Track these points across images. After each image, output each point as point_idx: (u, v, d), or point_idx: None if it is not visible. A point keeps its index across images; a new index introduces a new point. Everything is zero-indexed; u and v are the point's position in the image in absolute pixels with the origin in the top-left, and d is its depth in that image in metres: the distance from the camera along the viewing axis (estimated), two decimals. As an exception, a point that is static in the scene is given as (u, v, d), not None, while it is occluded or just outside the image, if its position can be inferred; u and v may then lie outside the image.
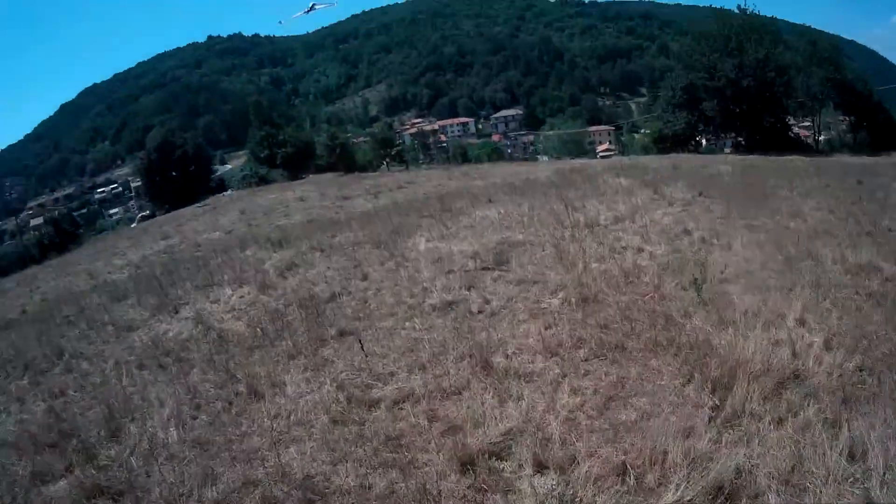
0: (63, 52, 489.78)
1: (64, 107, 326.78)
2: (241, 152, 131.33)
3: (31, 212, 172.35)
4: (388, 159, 71.52)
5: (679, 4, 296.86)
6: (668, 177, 21.99)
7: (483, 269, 11.68)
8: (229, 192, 61.68)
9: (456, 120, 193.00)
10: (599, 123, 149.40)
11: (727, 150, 54.53)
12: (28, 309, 19.59)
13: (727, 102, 49.70)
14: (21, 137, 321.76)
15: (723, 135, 56.55)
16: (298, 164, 66.66)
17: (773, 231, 12.79)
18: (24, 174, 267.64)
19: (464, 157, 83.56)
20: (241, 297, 12.57)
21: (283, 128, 74.06)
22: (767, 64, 47.36)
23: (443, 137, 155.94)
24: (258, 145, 70.73)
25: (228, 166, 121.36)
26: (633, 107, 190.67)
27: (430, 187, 34.53)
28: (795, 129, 57.02)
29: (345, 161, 63.65)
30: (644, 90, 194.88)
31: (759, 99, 48.23)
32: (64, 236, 64.59)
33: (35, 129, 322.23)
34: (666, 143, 54.93)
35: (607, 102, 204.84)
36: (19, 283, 30.54)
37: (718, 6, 57.56)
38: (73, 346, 11.64)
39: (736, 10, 53.40)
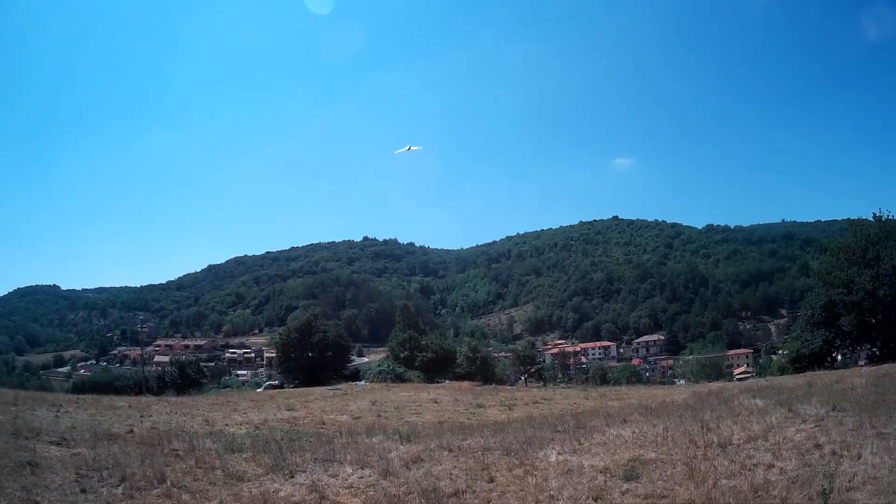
0: (219, 222, 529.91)
1: (211, 267, 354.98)
2: (380, 348, 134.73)
3: (157, 348, 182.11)
4: (526, 375, 71.22)
5: (819, 221, 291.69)
6: (803, 395, 21.02)
7: (613, 482, 11.38)
8: (363, 382, 62.47)
9: (598, 343, 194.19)
10: (739, 347, 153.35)
11: (861, 362, 52.47)
12: (136, 430, 20.21)
13: (864, 315, 47.27)
14: (163, 282, 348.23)
15: (858, 347, 53.28)
16: (436, 368, 67.39)
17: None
18: (160, 314, 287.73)
19: (602, 378, 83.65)
20: (361, 477, 12.59)
21: (427, 334, 75.57)
22: (903, 269, 45.27)
23: (583, 359, 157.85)
24: (399, 346, 72.27)
25: (365, 359, 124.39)
26: (773, 329, 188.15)
27: (567, 405, 34.23)
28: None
29: (483, 372, 64.27)
30: (784, 311, 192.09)
31: (894, 307, 45.68)
32: (187, 380, 67.22)
33: (179, 278, 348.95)
34: (802, 363, 52.63)
35: (747, 326, 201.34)
36: (131, 406, 31.79)
37: (857, 216, 55.56)
38: (176, 477, 11.95)
39: (872, 219, 51.69)
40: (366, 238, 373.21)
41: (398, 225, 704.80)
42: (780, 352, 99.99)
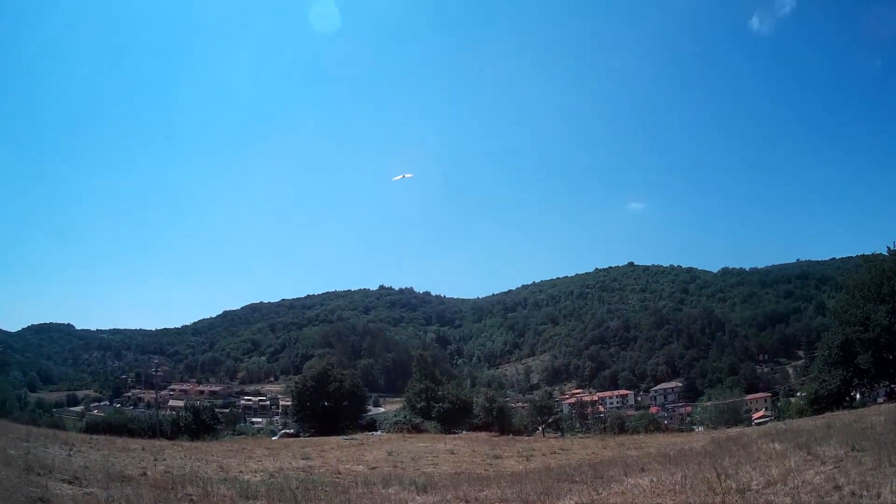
0: (235, 268, 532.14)
1: (227, 313, 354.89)
2: (396, 399, 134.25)
3: (172, 392, 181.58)
4: (544, 426, 70.84)
5: (833, 259, 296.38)
6: (821, 436, 21.18)
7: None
8: (379, 432, 62.35)
9: (615, 392, 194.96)
10: (757, 391, 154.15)
11: (880, 399, 52.33)
12: (149, 473, 20.32)
13: (881, 351, 47.07)
14: (178, 326, 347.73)
15: (876, 385, 53.87)
16: (453, 419, 67.35)
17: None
18: (175, 358, 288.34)
19: (620, 427, 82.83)
20: (378, 526, 12.40)
21: (444, 384, 75.70)
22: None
23: (601, 408, 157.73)
24: (416, 396, 72.31)
25: (381, 409, 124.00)
26: (790, 371, 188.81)
27: (584, 454, 34.21)
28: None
29: (500, 423, 63.94)
30: (801, 353, 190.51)
31: (912, 342, 45.75)
32: (201, 425, 67.00)
33: (195, 323, 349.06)
34: (821, 404, 52.50)
35: (765, 369, 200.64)
36: (145, 449, 31.84)
37: (871, 251, 55.26)
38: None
39: (886, 253, 51.35)
40: (382, 287, 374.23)
41: (414, 274, 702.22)
42: (798, 394, 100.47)
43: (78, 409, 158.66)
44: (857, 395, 55.56)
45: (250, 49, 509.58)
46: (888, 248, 51.73)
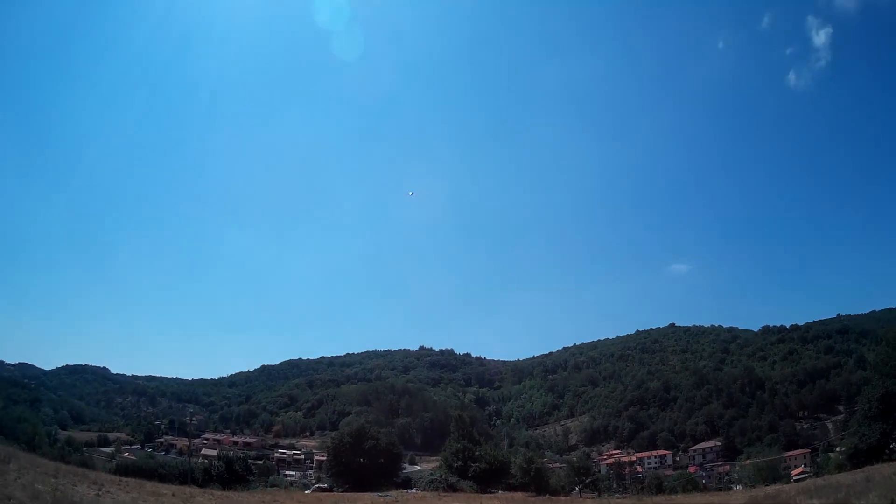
0: (275, 324, 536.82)
1: (265, 368, 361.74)
2: (433, 458, 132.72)
3: (205, 441, 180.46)
4: (581, 486, 69.70)
5: (874, 311, 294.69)
6: (860, 490, 21.01)
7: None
8: (414, 490, 61.28)
9: (654, 452, 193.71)
10: (796, 447, 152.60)
11: None
12: None
13: None
14: (216, 377, 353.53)
15: None
16: (490, 479, 67.39)
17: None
18: (209, 409, 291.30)
19: (658, 487, 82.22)
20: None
21: (481, 444, 75.45)
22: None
23: (639, 469, 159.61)
24: (453, 455, 72.47)
25: (417, 467, 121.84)
26: (830, 426, 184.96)
27: None
28: None
29: (538, 483, 63.23)
30: (841, 407, 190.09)
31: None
32: (234, 475, 66.15)
33: (232, 375, 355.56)
34: (860, 458, 51.78)
35: (804, 426, 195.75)
36: (175, 495, 31.11)
37: None
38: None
39: None
40: (422, 347, 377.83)
41: (455, 335, 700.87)
42: (837, 449, 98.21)
43: (108, 450, 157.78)
44: (897, 448, 54.10)
45: (301, 121, 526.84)
46: None
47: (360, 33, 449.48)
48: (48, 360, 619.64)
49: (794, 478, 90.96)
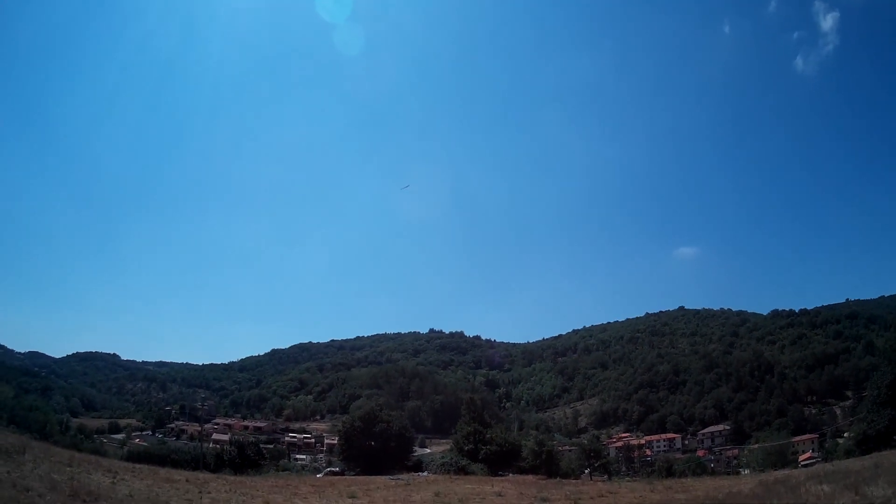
0: (285, 308, 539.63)
1: (275, 352, 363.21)
2: (443, 440, 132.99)
3: (216, 426, 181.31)
4: (591, 469, 69.90)
5: (882, 297, 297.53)
6: (869, 476, 21.15)
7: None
8: (425, 472, 61.57)
9: (663, 436, 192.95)
10: (804, 433, 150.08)
11: None
12: None
13: None
14: (226, 362, 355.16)
15: None
16: (501, 462, 67.69)
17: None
18: (220, 394, 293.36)
19: (668, 471, 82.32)
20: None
21: (492, 427, 75.81)
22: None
23: (648, 452, 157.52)
24: (464, 438, 72.92)
25: (428, 450, 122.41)
26: (839, 412, 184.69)
27: (632, 498, 34.46)
28: None
29: (548, 466, 63.14)
30: (849, 393, 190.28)
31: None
32: (246, 460, 66.72)
33: (242, 360, 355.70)
34: (869, 444, 52.69)
35: (813, 411, 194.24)
36: (189, 481, 31.37)
37: None
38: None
39: None
40: (432, 330, 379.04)
41: (465, 318, 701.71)
42: (845, 434, 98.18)
43: (119, 436, 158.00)
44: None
45: (306, 113, 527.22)
46: None
47: (362, 29, 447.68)
48: (58, 348, 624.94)
49: (802, 463, 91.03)
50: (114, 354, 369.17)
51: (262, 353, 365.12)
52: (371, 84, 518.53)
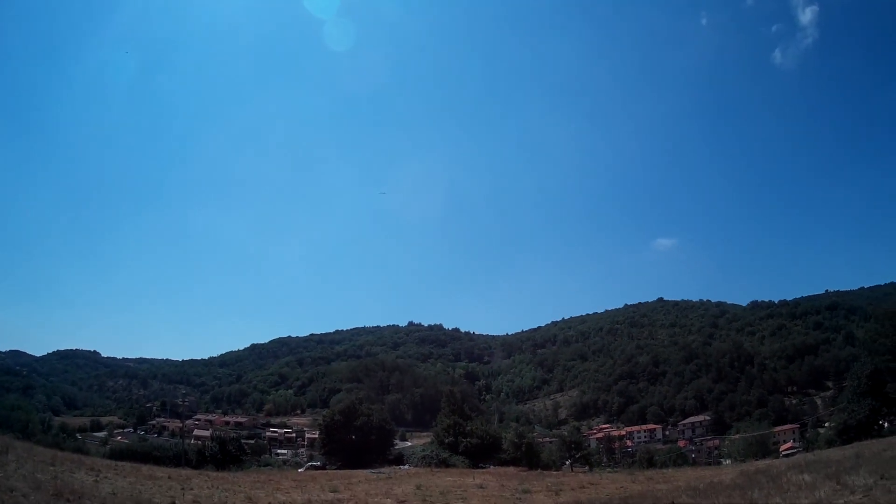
0: (263, 302, 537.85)
1: (255, 347, 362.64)
2: (424, 433, 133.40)
3: (197, 422, 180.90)
4: (572, 460, 70.37)
5: (862, 288, 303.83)
6: (851, 466, 21.56)
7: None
8: (406, 466, 61.97)
9: (643, 427, 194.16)
10: (785, 423, 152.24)
11: None
12: (177, 503, 21.16)
13: None
14: (206, 358, 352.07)
15: None
16: (481, 454, 67.60)
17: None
18: (201, 389, 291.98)
19: (649, 462, 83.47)
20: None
21: (472, 419, 75.94)
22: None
23: (629, 443, 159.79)
24: (444, 431, 72.75)
25: (409, 443, 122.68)
26: (819, 402, 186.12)
27: (613, 489, 34.55)
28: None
29: (529, 458, 63.51)
30: (830, 384, 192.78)
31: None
32: (227, 456, 66.88)
33: (222, 355, 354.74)
34: (850, 434, 53.48)
35: (793, 401, 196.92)
36: (171, 477, 31.61)
37: None
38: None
39: None
40: (411, 323, 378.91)
41: (443, 311, 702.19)
42: (826, 424, 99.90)
43: (101, 434, 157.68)
44: (886, 425, 55.47)
45: (282, 99, 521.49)
46: None
47: (352, 24, 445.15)
48: (39, 346, 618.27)
49: (784, 453, 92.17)
50: (94, 352, 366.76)
51: (241, 348, 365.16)
52: (359, 79, 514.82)
